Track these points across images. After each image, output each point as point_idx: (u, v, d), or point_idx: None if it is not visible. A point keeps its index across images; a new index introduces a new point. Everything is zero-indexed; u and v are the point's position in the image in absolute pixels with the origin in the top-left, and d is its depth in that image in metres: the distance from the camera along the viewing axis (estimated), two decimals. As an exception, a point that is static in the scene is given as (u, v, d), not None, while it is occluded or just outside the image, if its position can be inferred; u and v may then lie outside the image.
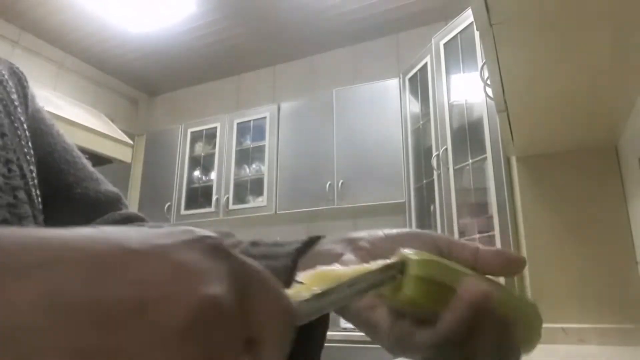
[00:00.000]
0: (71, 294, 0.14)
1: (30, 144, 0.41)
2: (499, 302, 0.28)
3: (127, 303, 0.14)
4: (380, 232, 0.34)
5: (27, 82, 0.46)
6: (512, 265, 0.31)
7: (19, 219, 0.35)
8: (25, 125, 0.41)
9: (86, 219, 0.45)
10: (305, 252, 0.35)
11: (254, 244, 0.38)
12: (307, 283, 0.24)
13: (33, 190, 0.39)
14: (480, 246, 0.32)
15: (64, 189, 0.45)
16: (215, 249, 0.17)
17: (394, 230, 0.34)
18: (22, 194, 0.36)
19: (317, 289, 0.23)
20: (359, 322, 0.32)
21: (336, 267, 0.26)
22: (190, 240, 0.17)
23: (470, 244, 0.33)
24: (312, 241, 0.36)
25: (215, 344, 0.15)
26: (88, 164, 0.50)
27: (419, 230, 0.34)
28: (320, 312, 0.23)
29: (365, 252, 0.32)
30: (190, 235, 0.17)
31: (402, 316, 0.29)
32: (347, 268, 0.26)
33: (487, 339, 0.27)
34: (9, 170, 0.36)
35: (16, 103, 0.41)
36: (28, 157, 0.40)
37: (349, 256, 0.32)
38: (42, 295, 0.14)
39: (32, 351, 0.13)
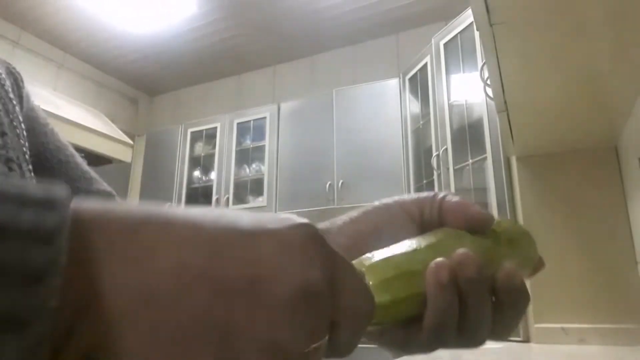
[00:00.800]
0: (197, 268, 0.17)
1: (27, 143, 0.41)
2: (479, 264, 0.26)
3: (242, 278, 0.17)
4: (346, 218, 0.33)
5: (22, 82, 0.46)
6: (477, 225, 0.29)
7: None
8: (22, 125, 0.41)
9: None
10: None
11: None
12: None
13: None
14: (447, 199, 0.30)
15: None
16: (314, 237, 0.19)
17: (361, 211, 0.32)
18: None
19: None
20: None
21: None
22: (293, 226, 0.19)
23: (436, 198, 0.31)
24: None
25: (311, 319, 0.18)
26: (82, 162, 0.49)
27: (386, 202, 0.32)
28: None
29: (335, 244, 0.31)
30: (292, 222, 0.19)
31: (385, 330, 0.28)
32: None
33: (481, 306, 0.26)
34: (10, 169, 0.36)
35: (14, 102, 0.41)
36: (26, 157, 0.39)
37: None
38: (175, 267, 0.16)
39: (165, 310, 0.16)
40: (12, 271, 0.13)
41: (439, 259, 0.26)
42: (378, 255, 0.26)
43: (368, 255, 0.27)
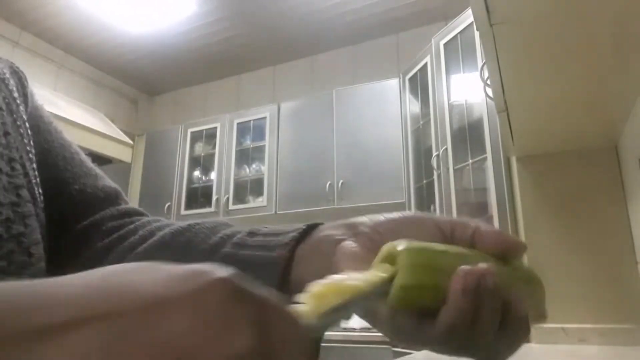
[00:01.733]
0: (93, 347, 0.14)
1: (31, 142, 0.41)
2: (497, 281, 0.27)
3: None
4: (381, 217, 0.33)
5: (27, 81, 0.46)
6: (510, 250, 0.31)
7: (22, 218, 0.35)
8: (27, 124, 0.41)
9: (85, 216, 0.45)
10: (303, 240, 0.35)
11: (251, 233, 0.38)
12: (318, 297, 0.24)
13: (36, 188, 0.38)
14: (482, 225, 0.31)
15: (61, 186, 0.45)
16: (234, 294, 0.17)
17: (396, 214, 0.33)
18: (25, 193, 0.36)
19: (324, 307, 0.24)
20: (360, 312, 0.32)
21: (345, 277, 0.26)
22: (208, 284, 0.16)
23: (471, 223, 0.32)
24: (309, 229, 0.36)
25: None
26: (87, 160, 0.49)
27: (420, 214, 0.33)
28: (333, 325, 0.24)
29: (366, 237, 0.32)
30: (205, 279, 0.16)
31: (400, 314, 0.29)
32: (355, 278, 0.26)
33: (491, 320, 0.27)
34: (12, 168, 0.36)
35: (18, 101, 0.41)
36: (30, 156, 0.40)
37: (349, 242, 0.32)
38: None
39: None
40: None
41: (469, 267, 0.27)
42: (414, 243, 0.28)
43: (404, 240, 0.28)
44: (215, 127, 3.52)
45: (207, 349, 0.15)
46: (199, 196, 3.48)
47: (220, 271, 0.17)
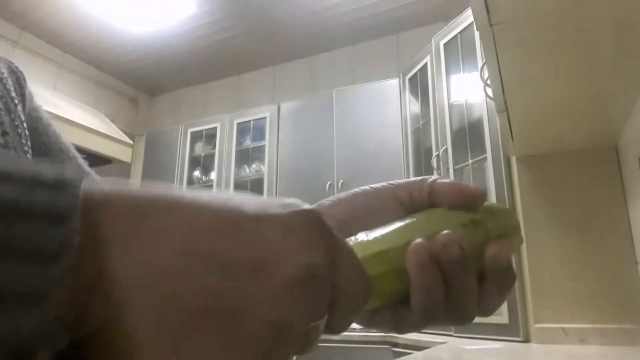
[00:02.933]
0: (204, 249, 0.17)
1: (29, 142, 0.41)
2: (458, 246, 0.26)
3: (247, 260, 0.18)
4: (334, 199, 0.32)
5: (25, 81, 0.45)
6: (469, 201, 0.29)
7: None
8: (25, 124, 0.41)
9: None
10: None
11: None
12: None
13: None
14: (437, 182, 0.30)
15: None
16: (316, 223, 0.20)
17: (350, 193, 0.32)
18: None
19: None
20: None
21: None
22: (297, 212, 0.20)
23: (427, 182, 0.31)
24: None
25: (312, 300, 0.19)
26: (84, 164, 0.49)
27: (375, 187, 0.32)
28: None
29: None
30: (296, 207, 0.20)
31: (377, 312, 0.28)
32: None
33: (467, 287, 0.27)
34: None
35: (16, 101, 0.41)
36: (28, 156, 0.39)
37: None
38: (183, 248, 0.17)
39: (173, 289, 0.16)
40: (28, 251, 0.14)
41: (418, 240, 0.26)
42: (359, 237, 0.28)
43: (350, 238, 0.28)
44: (215, 127, 3.52)
45: (290, 254, 0.19)
46: (199, 196, 3.48)
47: (307, 206, 0.21)
